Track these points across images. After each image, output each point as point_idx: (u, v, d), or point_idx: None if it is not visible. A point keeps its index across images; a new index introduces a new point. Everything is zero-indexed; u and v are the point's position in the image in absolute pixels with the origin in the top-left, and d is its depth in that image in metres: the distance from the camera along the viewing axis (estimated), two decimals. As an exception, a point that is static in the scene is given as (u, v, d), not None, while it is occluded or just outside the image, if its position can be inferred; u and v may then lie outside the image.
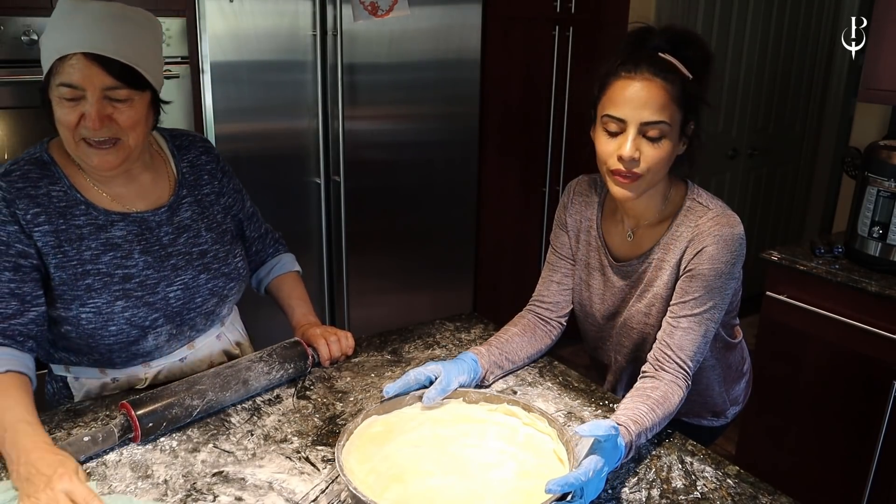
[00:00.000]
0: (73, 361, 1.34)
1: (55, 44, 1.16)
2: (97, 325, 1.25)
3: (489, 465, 1.09)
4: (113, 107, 1.19)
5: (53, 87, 1.18)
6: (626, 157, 1.23)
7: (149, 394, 1.18)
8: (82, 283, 1.24)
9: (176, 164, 1.39)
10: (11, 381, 1.14)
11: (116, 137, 1.21)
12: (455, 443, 1.15)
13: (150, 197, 1.34)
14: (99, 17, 1.17)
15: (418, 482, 1.05)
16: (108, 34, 1.16)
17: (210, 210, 1.42)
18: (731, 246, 1.28)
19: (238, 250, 1.45)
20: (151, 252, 1.31)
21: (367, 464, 1.07)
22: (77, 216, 1.25)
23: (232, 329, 1.52)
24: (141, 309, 1.28)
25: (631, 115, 1.23)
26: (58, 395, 1.38)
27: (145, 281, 1.29)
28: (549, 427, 1.15)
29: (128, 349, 1.31)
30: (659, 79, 1.23)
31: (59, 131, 1.21)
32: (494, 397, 1.23)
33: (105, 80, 1.16)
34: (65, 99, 1.16)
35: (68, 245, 1.23)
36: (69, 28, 1.16)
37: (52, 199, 1.23)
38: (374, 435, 1.14)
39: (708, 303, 1.29)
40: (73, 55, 1.14)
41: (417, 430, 1.17)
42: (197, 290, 1.35)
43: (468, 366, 1.31)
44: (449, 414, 1.22)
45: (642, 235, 1.39)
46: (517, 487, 1.04)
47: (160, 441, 1.17)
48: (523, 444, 1.14)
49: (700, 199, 1.34)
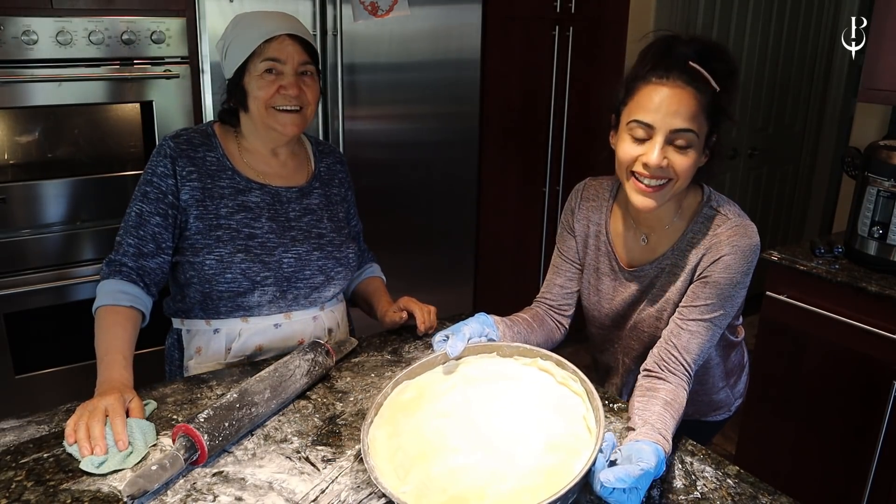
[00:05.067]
0: (186, 312, 1.53)
1: (257, 31, 1.43)
2: (217, 271, 1.45)
3: (517, 436, 1.09)
4: (303, 81, 1.46)
5: (254, 67, 1.43)
6: (654, 165, 1.21)
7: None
8: (214, 234, 1.45)
9: (315, 163, 1.63)
10: (128, 316, 1.38)
11: (301, 106, 1.46)
12: (485, 409, 1.14)
13: (288, 178, 1.57)
14: (284, 16, 1.48)
15: (443, 461, 1.06)
16: (295, 23, 1.49)
17: (335, 207, 1.63)
18: (748, 256, 1.28)
19: (352, 244, 1.63)
20: (277, 220, 1.51)
21: (396, 439, 1.09)
22: (223, 179, 1.48)
23: (331, 317, 1.62)
24: (256, 264, 1.47)
25: (661, 123, 1.20)
26: (172, 349, 1.58)
27: (266, 243, 1.48)
28: (581, 387, 1.14)
29: (234, 300, 1.48)
30: (691, 87, 1.21)
31: (253, 106, 1.45)
32: (528, 351, 1.23)
33: (301, 56, 1.46)
34: (266, 73, 1.43)
35: (210, 201, 1.46)
36: (265, 22, 1.44)
37: (206, 163, 1.48)
38: (405, 402, 1.15)
39: (719, 310, 1.29)
40: (278, 36, 1.43)
41: (449, 395, 1.17)
42: (308, 263, 1.53)
43: (479, 319, 1.34)
44: (481, 371, 1.21)
45: (656, 241, 1.38)
46: (541, 465, 1.04)
47: (160, 441, 1.17)
48: (555, 406, 1.13)
49: (718, 207, 1.33)
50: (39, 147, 2.28)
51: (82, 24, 2.10)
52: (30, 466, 1.10)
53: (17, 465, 1.10)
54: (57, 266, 2.22)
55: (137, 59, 2.21)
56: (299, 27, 1.49)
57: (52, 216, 2.20)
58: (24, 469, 1.09)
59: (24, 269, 2.18)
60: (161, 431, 1.20)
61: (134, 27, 2.17)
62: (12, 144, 2.24)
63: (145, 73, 2.22)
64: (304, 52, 1.46)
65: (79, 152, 2.33)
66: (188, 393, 1.34)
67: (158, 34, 2.20)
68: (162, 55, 2.24)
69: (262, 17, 1.47)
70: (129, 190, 2.22)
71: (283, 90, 1.43)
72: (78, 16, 2.09)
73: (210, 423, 1.11)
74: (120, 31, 2.15)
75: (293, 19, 1.50)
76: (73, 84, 2.13)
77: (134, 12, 2.18)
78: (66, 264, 2.24)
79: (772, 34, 3.71)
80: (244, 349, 1.52)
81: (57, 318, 2.25)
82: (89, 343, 1.36)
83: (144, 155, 2.35)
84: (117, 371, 1.28)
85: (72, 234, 2.23)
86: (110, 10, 2.15)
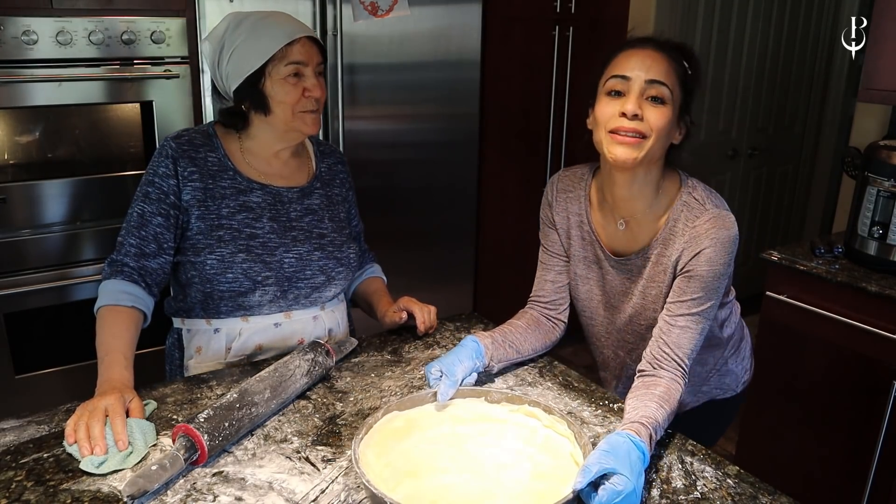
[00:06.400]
0: (187, 311, 1.53)
1: (274, 35, 1.42)
2: (218, 270, 1.45)
3: (505, 465, 1.10)
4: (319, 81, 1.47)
5: (277, 70, 1.43)
6: (630, 112, 1.24)
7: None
8: (215, 234, 1.46)
9: (317, 164, 1.64)
10: (130, 316, 1.39)
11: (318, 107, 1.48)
12: (473, 441, 1.16)
13: (289, 178, 1.57)
14: (290, 17, 1.48)
15: (432, 478, 1.06)
16: (305, 25, 1.49)
17: (336, 208, 1.63)
18: (728, 248, 1.29)
19: (353, 244, 1.64)
20: (278, 220, 1.52)
21: (385, 458, 1.09)
22: (224, 179, 1.49)
23: (331, 317, 1.62)
24: (257, 264, 1.47)
25: (636, 74, 1.25)
26: (172, 348, 1.59)
27: (267, 243, 1.49)
28: (569, 430, 1.15)
29: (235, 299, 1.49)
30: (664, 52, 1.26)
31: (278, 110, 1.45)
32: (516, 398, 1.24)
33: (318, 57, 1.48)
34: (290, 77, 1.43)
35: (211, 201, 1.47)
36: (282, 26, 1.44)
37: (207, 163, 1.48)
38: (394, 430, 1.16)
39: (706, 303, 1.30)
40: (298, 39, 1.43)
41: (437, 428, 1.18)
42: (309, 263, 1.53)
43: (470, 349, 1.33)
44: (469, 412, 1.23)
45: (638, 229, 1.38)
46: (530, 488, 1.05)
47: (160, 441, 1.17)
48: (541, 445, 1.15)
49: (696, 193, 1.34)
50: (39, 147, 2.28)
51: (82, 24, 2.10)
52: (30, 466, 1.10)
53: (17, 465, 1.10)
54: (57, 266, 2.22)
55: (137, 59, 2.21)
56: (310, 31, 1.49)
57: (52, 216, 2.20)
58: (24, 469, 1.09)
59: (24, 269, 2.18)
60: (161, 431, 1.20)
61: (134, 27, 2.17)
62: (12, 144, 2.24)
63: (145, 73, 2.22)
64: (319, 53, 1.48)
65: (79, 152, 2.33)
66: (188, 393, 1.34)
67: (158, 34, 2.21)
68: (162, 55, 2.24)
69: (273, 20, 1.45)
70: (130, 190, 2.22)
71: (307, 93, 1.45)
72: (78, 16, 2.09)
73: (210, 423, 1.11)
74: (120, 31, 2.15)
75: (299, 20, 1.50)
76: (73, 84, 2.13)
77: (134, 12, 2.18)
78: (66, 264, 2.24)
79: (772, 34, 3.71)
80: (244, 348, 1.52)
81: (57, 318, 2.25)
82: (89, 343, 1.36)
83: (144, 155, 2.35)
84: (118, 371, 1.28)
85: (72, 234, 2.23)
86: (110, 10, 2.15)
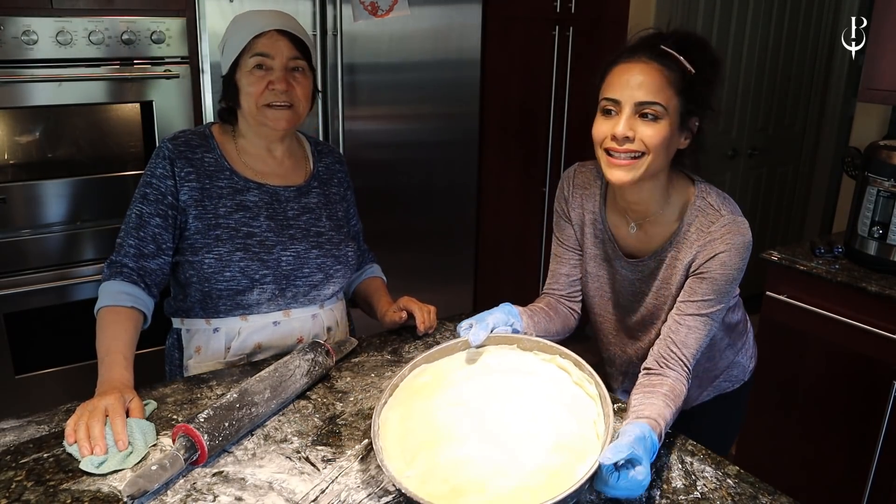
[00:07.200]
0: (187, 311, 1.54)
1: (249, 28, 1.45)
2: (216, 269, 1.46)
3: (527, 432, 1.09)
4: (293, 77, 1.48)
5: (245, 62, 1.46)
6: (620, 135, 1.24)
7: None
8: (213, 233, 1.47)
9: (314, 163, 1.64)
10: (130, 316, 1.39)
11: (291, 103, 1.48)
12: (499, 401, 1.15)
13: (285, 177, 1.58)
14: (278, 13, 1.50)
15: (448, 450, 1.07)
16: (289, 20, 1.50)
17: (333, 206, 1.63)
18: (742, 253, 1.30)
19: (351, 243, 1.64)
20: (275, 219, 1.52)
21: (408, 422, 1.10)
22: (221, 179, 1.50)
23: (330, 315, 1.62)
24: (255, 262, 1.48)
25: (626, 96, 1.24)
26: (172, 348, 1.59)
27: (264, 241, 1.50)
28: (596, 391, 1.14)
29: (234, 298, 1.49)
30: (657, 63, 1.24)
31: (244, 102, 1.48)
32: (548, 346, 1.22)
33: (290, 51, 1.46)
34: (256, 69, 1.45)
35: (208, 201, 1.48)
36: (258, 18, 1.47)
37: (204, 163, 1.49)
38: (420, 386, 1.16)
39: (716, 306, 1.31)
40: (267, 32, 1.45)
41: (464, 384, 1.18)
42: (307, 261, 1.54)
43: (504, 309, 1.36)
44: (500, 362, 1.22)
45: (651, 232, 1.38)
46: (546, 465, 1.04)
47: (160, 441, 1.17)
48: (568, 405, 1.14)
49: (710, 199, 1.33)
50: (39, 147, 2.28)
51: (82, 24, 2.10)
52: (30, 466, 1.10)
53: (17, 465, 1.10)
54: (57, 266, 2.22)
55: (137, 59, 2.21)
56: (292, 23, 1.50)
57: (52, 216, 2.20)
58: (24, 469, 1.09)
59: (24, 269, 2.18)
60: (161, 431, 1.20)
61: (134, 27, 2.17)
62: (12, 144, 2.24)
63: (145, 73, 2.22)
64: (293, 47, 1.47)
65: (79, 152, 2.33)
66: (188, 393, 1.34)
67: (158, 34, 2.21)
68: (162, 55, 2.24)
69: (255, 14, 1.50)
70: (130, 190, 2.22)
71: (271, 86, 1.45)
72: (78, 16, 2.09)
73: (210, 423, 1.11)
74: (120, 31, 2.15)
75: (287, 16, 1.51)
76: (73, 84, 2.13)
77: (134, 12, 2.18)
78: (66, 264, 2.24)
79: (772, 34, 3.71)
80: (244, 347, 1.52)
81: (57, 318, 2.25)
82: (89, 343, 1.37)
83: (144, 155, 2.35)
84: (118, 371, 1.29)
85: (72, 234, 2.23)
86: (110, 10, 2.15)
